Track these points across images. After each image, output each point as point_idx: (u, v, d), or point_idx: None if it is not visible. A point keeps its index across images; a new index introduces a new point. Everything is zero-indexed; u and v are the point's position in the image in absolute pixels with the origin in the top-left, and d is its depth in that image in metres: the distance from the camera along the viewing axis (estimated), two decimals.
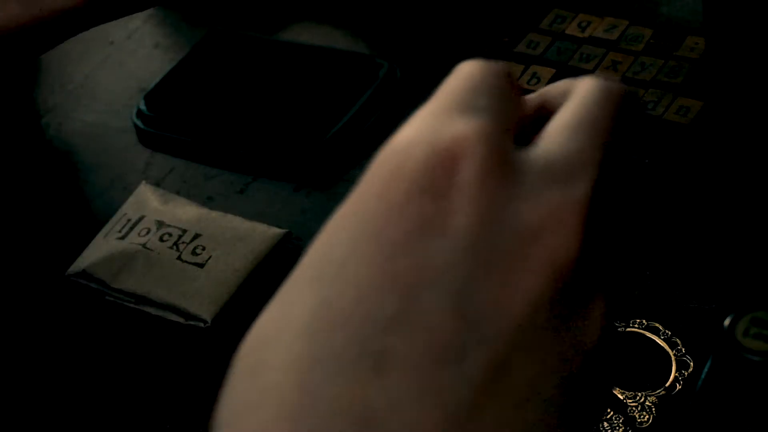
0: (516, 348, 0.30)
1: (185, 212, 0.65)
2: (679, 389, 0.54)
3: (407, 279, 0.30)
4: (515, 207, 0.31)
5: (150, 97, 0.74)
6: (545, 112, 0.35)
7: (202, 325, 0.60)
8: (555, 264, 0.30)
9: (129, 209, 0.66)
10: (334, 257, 0.31)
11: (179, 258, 0.63)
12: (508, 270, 0.30)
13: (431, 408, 0.29)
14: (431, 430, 0.29)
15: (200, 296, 0.61)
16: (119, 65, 0.81)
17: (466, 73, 0.34)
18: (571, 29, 0.71)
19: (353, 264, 0.31)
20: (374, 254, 0.31)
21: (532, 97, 0.36)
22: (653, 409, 0.54)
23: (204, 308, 0.61)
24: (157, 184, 0.70)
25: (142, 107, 0.73)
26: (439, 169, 0.31)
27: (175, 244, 0.63)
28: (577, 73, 0.68)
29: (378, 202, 0.31)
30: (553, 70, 0.68)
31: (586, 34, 0.71)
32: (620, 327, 0.57)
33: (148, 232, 0.64)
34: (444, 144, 0.31)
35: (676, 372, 0.55)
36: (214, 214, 0.65)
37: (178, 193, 0.69)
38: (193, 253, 0.63)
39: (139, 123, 0.73)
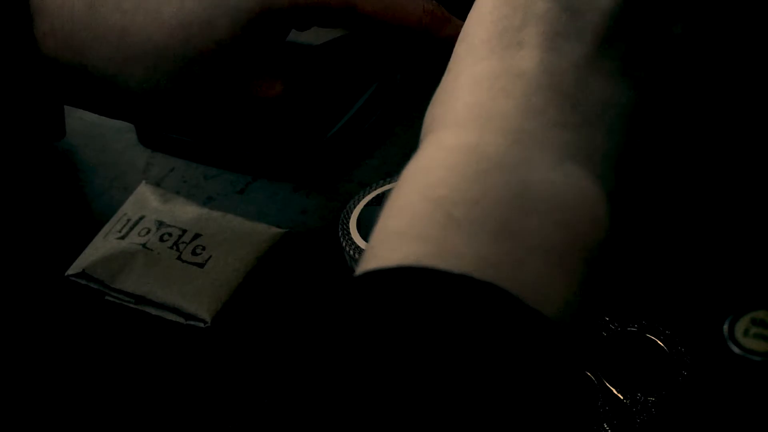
0: (613, 22, 0.41)
1: (185, 212, 0.65)
2: (679, 389, 0.54)
3: None
4: None
5: None
6: None
7: (202, 325, 0.60)
8: None
9: (129, 209, 0.67)
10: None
11: (179, 258, 0.63)
12: None
13: (558, 60, 0.41)
14: (557, 74, 0.40)
15: (200, 296, 0.61)
16: None
17: None
18: None
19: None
20: None
21: None
22: (653, 409, 0.54)
23: (204, 308, 0.61)
24: (157, 184, 0.70)
25: None
26: None
27: (175, 244, 0.63)
28: None
29: None
30: None
31: None
32: (620, 327, 0.57)
33: (148, 232, 0.64)
34: None
35: (676, 372, 0.55)
36: (214, 214, 0.65)
37: (178, 193, 0.69)
38: (193, 253, 0.63)
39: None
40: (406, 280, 0.35)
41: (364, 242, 0.59)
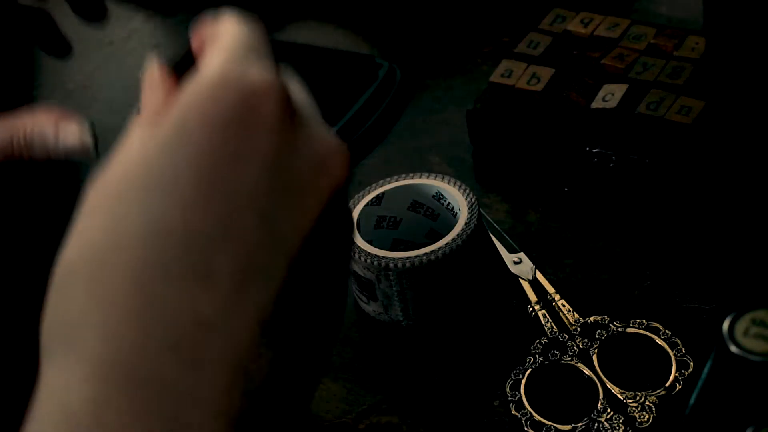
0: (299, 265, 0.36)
1: None
2: (679, 389, 0.54)
3: (225, 203, 0.35)
4: (306, 139, 0.37)
5: None
6: None
7: None
8: (333, 187, 0.37)
9: None
10: (162, 178, 0.35)
11: None
12: (302, 193, 0.36)
13: (250, 318, 0.35)
14: (249, 335, 0.35)
15: None
16: (119, 65, 0.81)
17: (242, 30, 0.39)
18: (574, 26, 0.71)
19: (179, 184, 0.35)
20: (197, 177, 0.35)
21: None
22: (653, 409, 0.54)
23: None
24: None
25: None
26: (249, 104, 0.36)
27: None
28: (576, 72, 0.68)
29: (200, 130, 0.36)
30: (553, 70, 0.68)
31: (588, 31, 0.70)
32: (620, 327, 0.57)
33: None
34: (252, 86, 0.36)
35: (676, 372, 0.55)
36: None
37: None
38: None
39: None
40: None
41: (364, 242, 0.59)
